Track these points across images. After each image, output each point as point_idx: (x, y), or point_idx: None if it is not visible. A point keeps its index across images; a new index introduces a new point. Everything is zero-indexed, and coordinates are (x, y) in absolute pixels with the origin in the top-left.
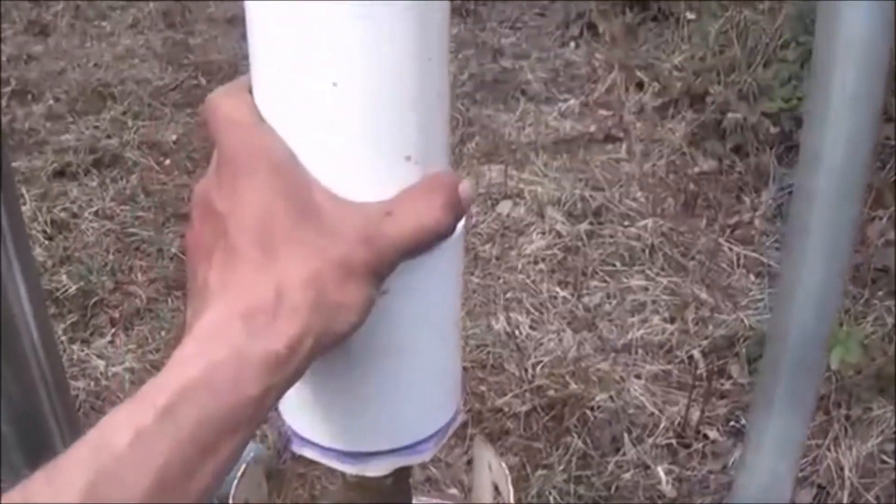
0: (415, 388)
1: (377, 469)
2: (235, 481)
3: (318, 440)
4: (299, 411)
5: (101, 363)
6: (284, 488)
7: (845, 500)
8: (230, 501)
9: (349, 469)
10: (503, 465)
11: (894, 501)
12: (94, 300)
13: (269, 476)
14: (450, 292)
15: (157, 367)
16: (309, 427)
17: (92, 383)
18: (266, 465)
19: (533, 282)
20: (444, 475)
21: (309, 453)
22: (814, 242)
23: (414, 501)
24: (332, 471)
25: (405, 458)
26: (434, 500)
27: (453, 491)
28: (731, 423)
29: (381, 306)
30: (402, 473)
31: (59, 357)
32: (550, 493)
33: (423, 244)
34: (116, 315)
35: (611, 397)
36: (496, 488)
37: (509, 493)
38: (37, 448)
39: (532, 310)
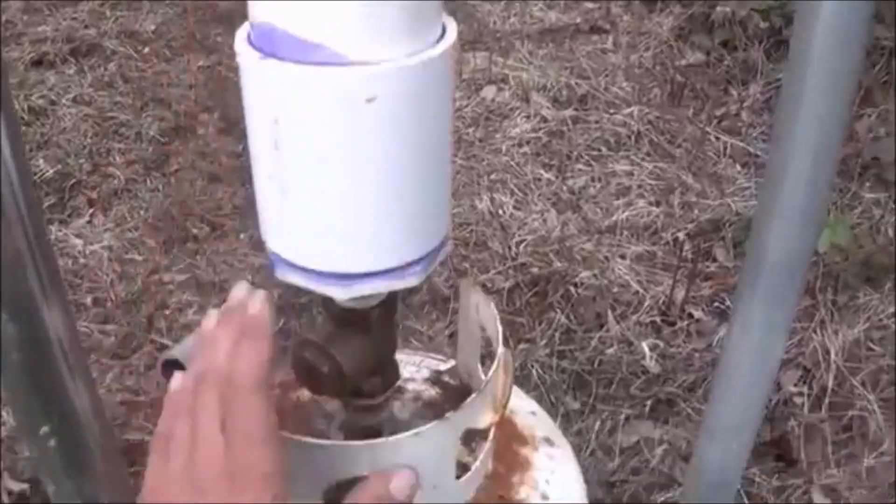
0: (404, 208)
1: (364, 291)
2: None
3: (303, 263)
4: (284, 234)
5: (79, 242)
6: None
7: (830, 384)
8: None
9: (335, 292)
10: (492, 305)
11: (880, 387)
12: (71, 182)
13: None
14: (439, 109)
15: (135, 244)
16: (294, 249)
17: (70, 262)
18: None
19: (517, 164)
20: (427, 350)
21: (293, 278)
22: (803, 130)
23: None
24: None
25: (393, 281)
26: (417, 354)
27: None
28: (716, 303)
29: (369, 115)
30: (388, 307)
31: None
32: (533, 367)
33: None
34: (94, 196)
35: (595, 275)
36: (483, 330)
37: (498, 332)
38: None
39: (516, 191)
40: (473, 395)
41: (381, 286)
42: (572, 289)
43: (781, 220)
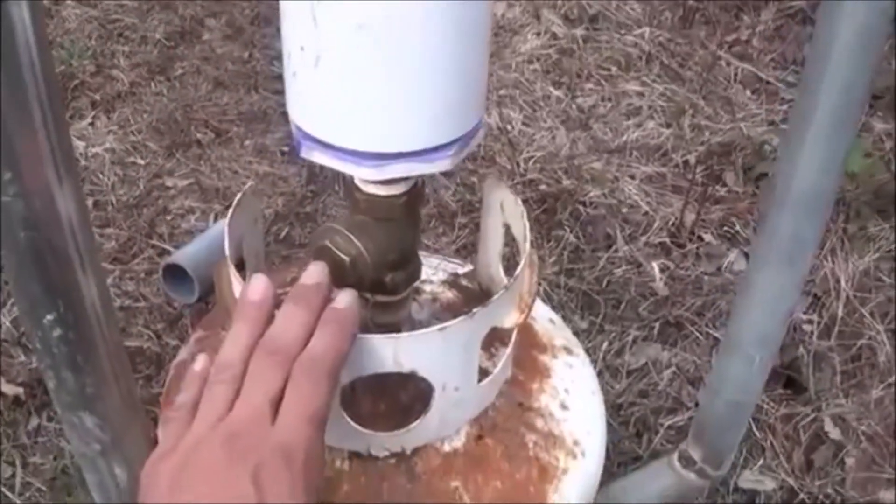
0: (441, 84)
1: (395, 172)
2: (231, 210)
3: (333, 140)
4: (314, 108)
5: (81, 144)
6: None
7: (840, 312)
8: (225, 229)
9: (366, 173)
10: (518, 202)
11: (888, 318)
12: (74, 83)
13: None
14: None
15: (137, 147)
16: (324, 125)
17: None
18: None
19: (526, 80)
20: None
21: (320, 157)
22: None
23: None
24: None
25: (426, 163)
26: (434, 256)
27: None
28: (726, 228)
29: None
30: (416, 196)
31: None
32: (540, 284)
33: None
34: (97, 98)
35: (604, 194)
36: (507, 229)
37: (525, 229)
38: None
39: (525, 107)
40: (501, 291)
41: (414, 169)
42: (581, 207)
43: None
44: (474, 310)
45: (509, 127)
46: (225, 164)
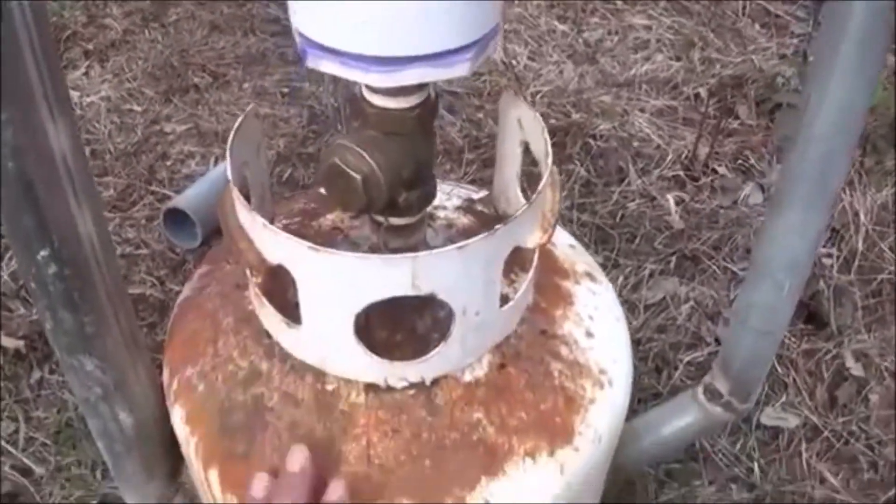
0: None
1: (408, 79)
2: (231, 135)
3: (341, 45)
4: (320, 12)
5: (75, 94)
6: None
7: (860, 247)
8: (227, 151)
9: (376, 79)
10: (538, 116)
11: None
12: (67, 34)
13: None
14: None
15: (133, 94)
16: (331, 30)
17: None
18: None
19: (531, 15)
20: None
21: (328, 66)
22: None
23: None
24: None
25: (440, 68)
26: (447, 182)
27: None
28: (740, 161)
29: None
30: (429, 109)
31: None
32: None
33: None
34: (90, 48)
35: (614, 128)
36: (526, 148)
37: (546, 145)
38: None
39: (530, 41)
40: (523, 207)
41: (428, 74)
42: (591, 141)
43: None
44: (496, 227)
45: (515, 62)
46: (223, 108)
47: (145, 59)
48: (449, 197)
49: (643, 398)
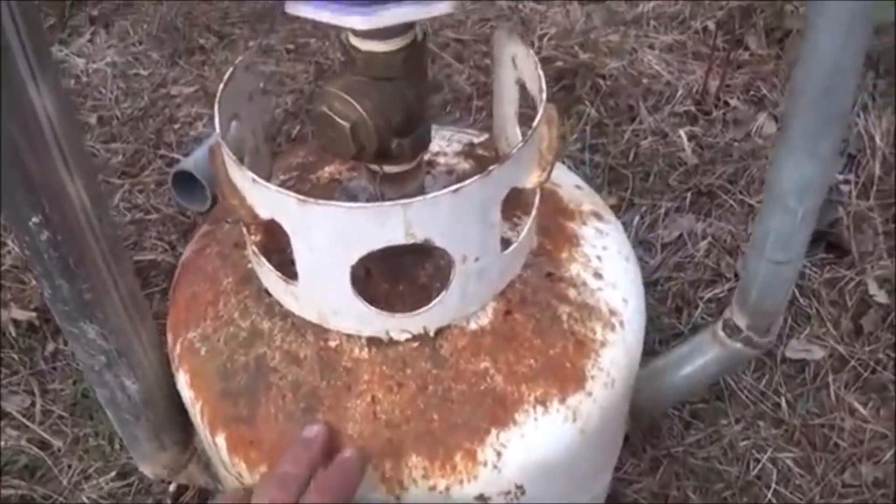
0: None
1: (387, 19)
2: (221, 85)
3: None
4: None
5: (81, 61)
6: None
7: (878, 171)
8: (216, 105)
9: (355, 22)
10: (531, 52)
11: None
12: (70, 0)
13: None
14: None
15: (139, 59)
16: None
17: (72, 81)
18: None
19: None
20: None
21: (305, 10)
22: None
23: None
24: None
25: (421, 6)
26: (447, 128)
27: None
28: (752, 92)
29: None
30: (416, 50)
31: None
32: (565, 162)
33: None
34: (95, 13)
35: (623, 66)
36: (521, 85)
37: (540, 81)
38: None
39: None
40: (518, 145)
41: (409, 14)
42: (601, 81)
43: None
44: (490, 168)
45: (521, 6)
46: (231, 68)
47: (150, 23)
48: (449, 143)
49: (664, 339)
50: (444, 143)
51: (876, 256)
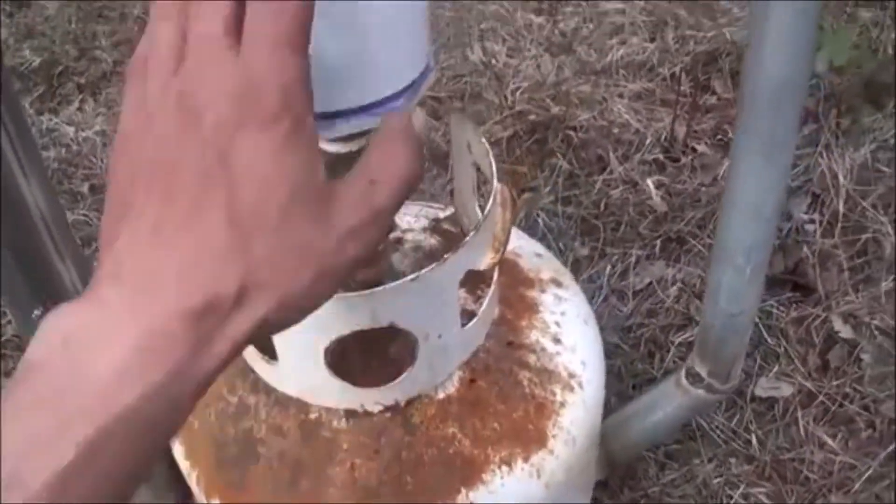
0: (378, 36)
1: (345, 130)
2: None
3: None
4: None
5: (70, 129)
6: None
7: (842, 209)
8: None
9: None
10: (483, 141)
11: (892, 208)
12: (59, 70)
13: None
14: None
15: None
16: None
17: (63, 150)
18: None
19: (507, 11)
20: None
21: None
22: None
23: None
24: None
25: (374, 117)
26: (415, 203)
27: None
28: (719, 136)
29: None
30: None
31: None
32: (539, 216)
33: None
34: (83, 81)
35: (594, 117)
36: (478, 169)
37: (491, 167)
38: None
39: (508, 38)
40: (470, 234)
41: (363, 124)
42: (572, 133)
43: (775, 39)
44: (445, 256)
45: (494, 60)
46: None
47: None
48: (417, 218)
49: (637, 384)
50: (412, 218)
51: (841, 293)
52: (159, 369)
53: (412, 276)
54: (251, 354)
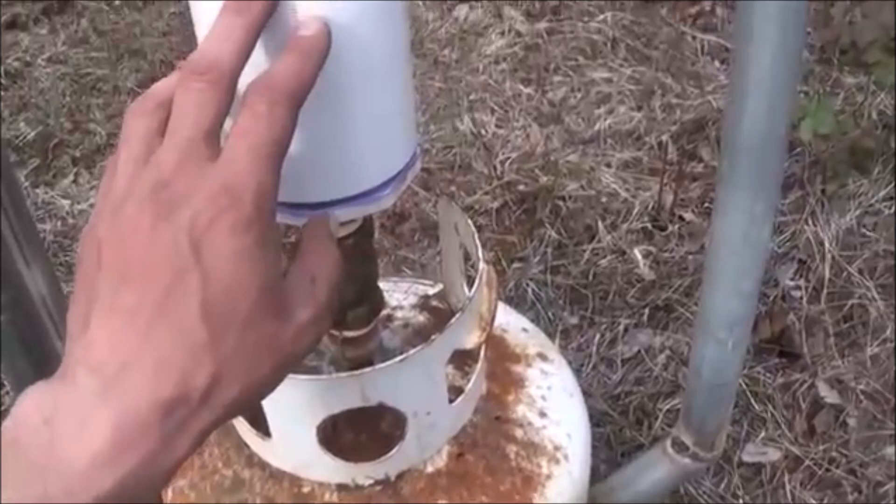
0: (366, 131)
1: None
2: None
3: None
4: None
5: (66, 203)
6: None
7: (827, 274)
8: None
9: (301, 223)
10: (469, 223)
11: (877, 273)
12: (53, 143)
13: None
14: (395, 25)
15: None
16: None
17: (59, 223)
18: None
19: (496, 81)
20: (420, 276)
21: None
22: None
23: (382, 282)
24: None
25: (363, 206)
26: (405, 280)
27: None
28: (706, 204)
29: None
30: (364, 233)
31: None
32: (528, 285)
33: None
34: (77, 154)
35: (582, 186)
36: (464, 248)
37: (477, 249)
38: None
39: (497, 108)
40: (457, 315)
41: (353, 212)
42: (560, 203)
43: (753, 102)
44: (432, 336)
45: (483, 131)
46: None
47: None
48: (406, 295)
49: (626, 451)
50: (402, 295)
51: (827, 357)
52: (133, 457)
53: (400, 357)
54: (246, 431)
